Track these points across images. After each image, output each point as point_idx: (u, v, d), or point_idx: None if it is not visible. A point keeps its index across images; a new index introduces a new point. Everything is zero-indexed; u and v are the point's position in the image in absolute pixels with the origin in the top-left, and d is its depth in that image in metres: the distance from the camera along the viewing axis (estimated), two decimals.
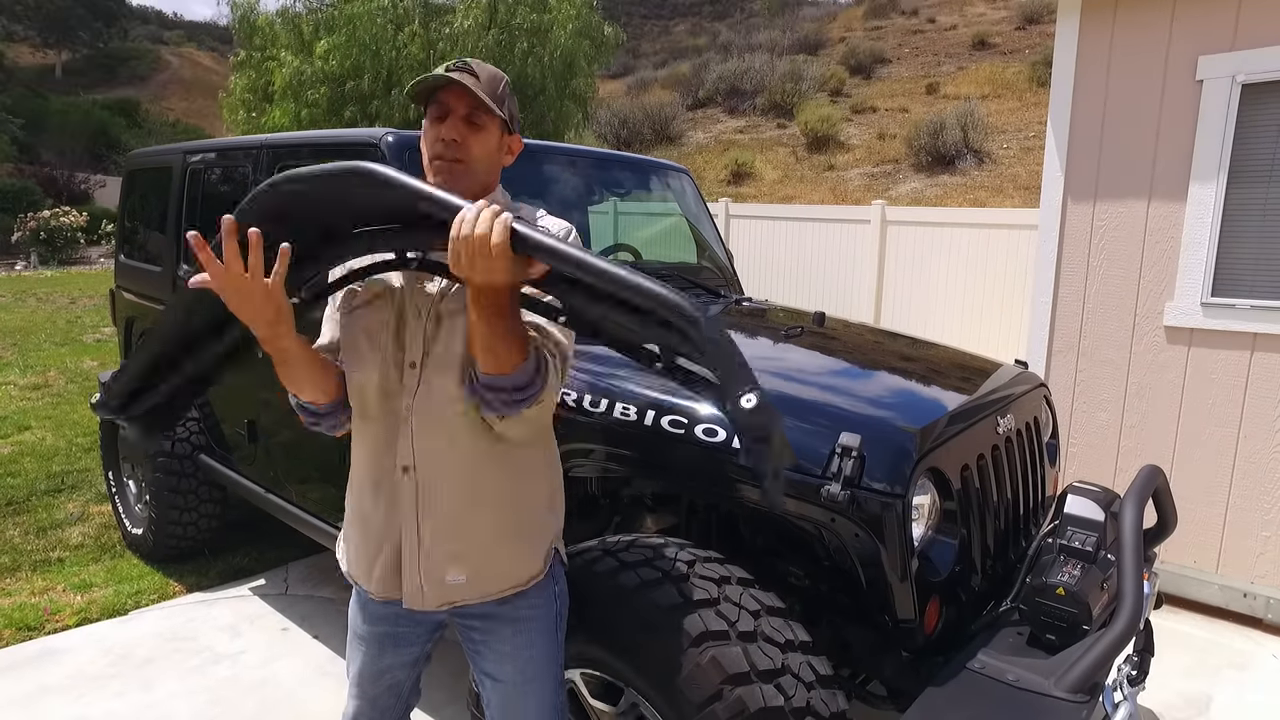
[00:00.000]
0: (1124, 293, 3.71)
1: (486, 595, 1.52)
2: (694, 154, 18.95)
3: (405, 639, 1.62)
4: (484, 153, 1.44)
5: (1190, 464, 3.60)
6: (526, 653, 1.55)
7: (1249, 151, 3.35)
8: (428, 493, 1.46)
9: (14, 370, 7.70)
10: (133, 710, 2.75)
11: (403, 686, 1.68)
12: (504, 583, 1.52)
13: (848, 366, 2.54)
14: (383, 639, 1.61)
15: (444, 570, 1.48)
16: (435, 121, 1.42)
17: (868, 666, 2.00)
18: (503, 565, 1.52)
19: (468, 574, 1.49)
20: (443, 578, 1.48)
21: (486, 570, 1.50)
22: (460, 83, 1.37)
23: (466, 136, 1.41)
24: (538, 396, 1.36)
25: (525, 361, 1.32)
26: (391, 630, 1.60)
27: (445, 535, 1.48)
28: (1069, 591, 1.79)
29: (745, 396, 1.08)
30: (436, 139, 1.41)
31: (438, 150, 1.41)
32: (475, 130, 1.42)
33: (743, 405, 1.08)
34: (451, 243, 1.20)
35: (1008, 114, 17.18)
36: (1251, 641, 3.37)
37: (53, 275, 16.33)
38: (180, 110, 40.56)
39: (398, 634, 1.61)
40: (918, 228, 5.78)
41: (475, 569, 1.49)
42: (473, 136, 1.41)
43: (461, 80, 1.37)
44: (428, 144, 1.43)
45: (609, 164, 3.41)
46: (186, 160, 3.74)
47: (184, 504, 3.65)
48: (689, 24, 48.30)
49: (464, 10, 12.58)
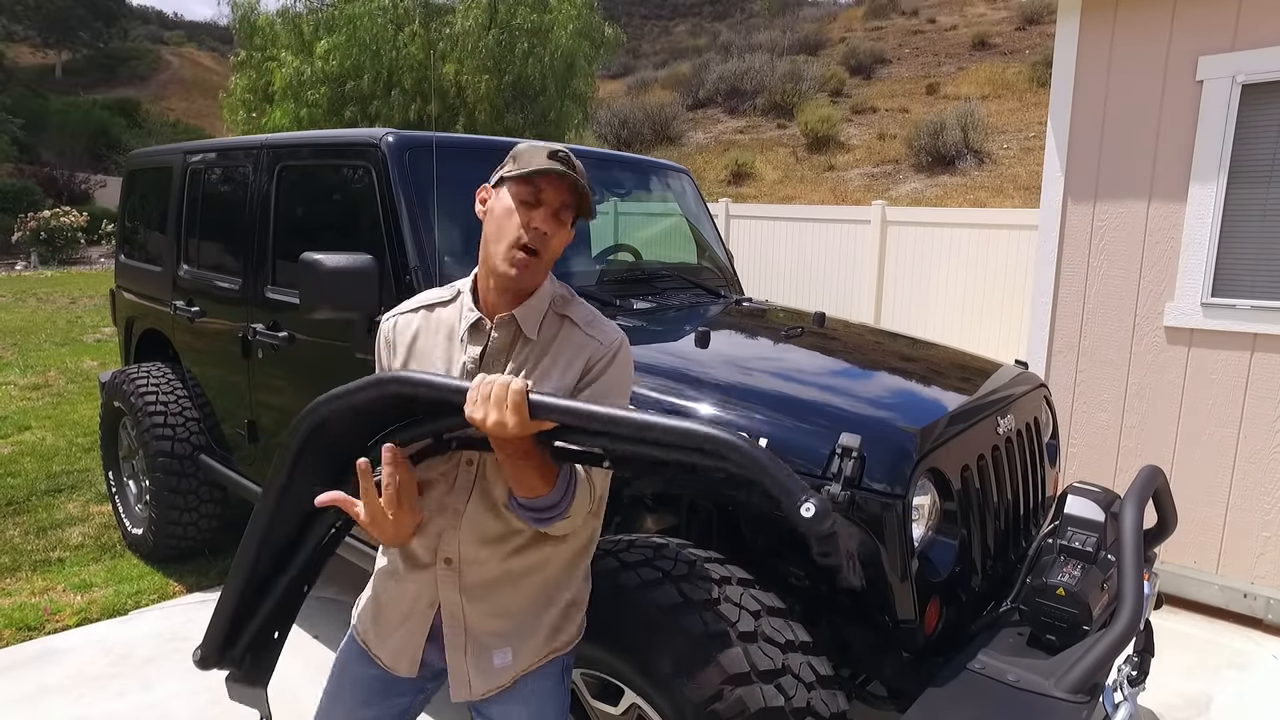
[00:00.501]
0: (1124, 293, 3.71)
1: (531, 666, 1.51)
2: (694, 154, 18.95)
3: (398, 688, 1.56)
4: (559, 247, 1.43)
5: (1190, 464, 3.60)
6: (536, 699, 1.53)
7: (1249, 152, 3.35)
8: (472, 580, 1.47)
9: (14, 370, 7.70)
10: (133, 710, 2.75)
11: None
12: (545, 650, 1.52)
13: (848, 367, 2.54)
14: (373, 684, 1.55)
15: (491, 655, 1.48)
16: (525, 206, 1.37)
17: (868, 667, 2.00)
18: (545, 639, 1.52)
19: (513, 650, 1.49)
20: (491, 663, 1.48)
21: (529, 644, 1.50)
22: (567, 175, 1.36)
23: (555, 230, 1.39)
24: (565, 513, 1.36)
25: (553, 489, 1.34)
26: (383, 675, 1.54)
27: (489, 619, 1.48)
28: (1069, 592, 1.79)
29: (804, 506, 1.12)
30: (528, 226, 1.37)
31: (524, 240, 1.37)
32: (560, 227, 1.40)
33: (803, 515, 1.11)
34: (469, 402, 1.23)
35: (1008, 114, 17.18)
36: (1251, 642, 3.37)
37: (53, 275, 16.33)
38: (180, 110, 40.54)
39: (391, 682, 1.55)
40: (918, 228, 5.78)
41: (519, 645, 1.49)
42: (558, 231, 1.40)
43: (568, 174, 1.36)
44: (516, 225, 1.37)
45: (609, 164, 3.42)
46: (187, 160, 3.74)
47: (184, 504, 3.64)
48: (689, 24, 48.28)
49: (464, 10, 12.58)
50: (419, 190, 2.52)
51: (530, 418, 1.21)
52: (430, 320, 1.51)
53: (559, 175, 1.36)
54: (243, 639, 1.53)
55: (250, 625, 1.53)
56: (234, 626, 1.53)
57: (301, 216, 3.08)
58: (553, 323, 1.46)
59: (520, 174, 1.37)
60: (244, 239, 3.25)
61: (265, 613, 1.52)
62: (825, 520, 1.11)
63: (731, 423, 1.98)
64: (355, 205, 2.74)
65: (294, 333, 2.95)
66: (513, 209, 1.38)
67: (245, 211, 3.25)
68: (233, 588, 1.50)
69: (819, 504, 1.11)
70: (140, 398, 3.65)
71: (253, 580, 1.50)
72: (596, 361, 1.44)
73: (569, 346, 1.44)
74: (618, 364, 1.46)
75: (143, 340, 4.25)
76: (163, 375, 3.78)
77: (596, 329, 1.47)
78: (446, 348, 1.47)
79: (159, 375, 3.78)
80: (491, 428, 1.21)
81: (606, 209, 3.42)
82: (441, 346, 1.47)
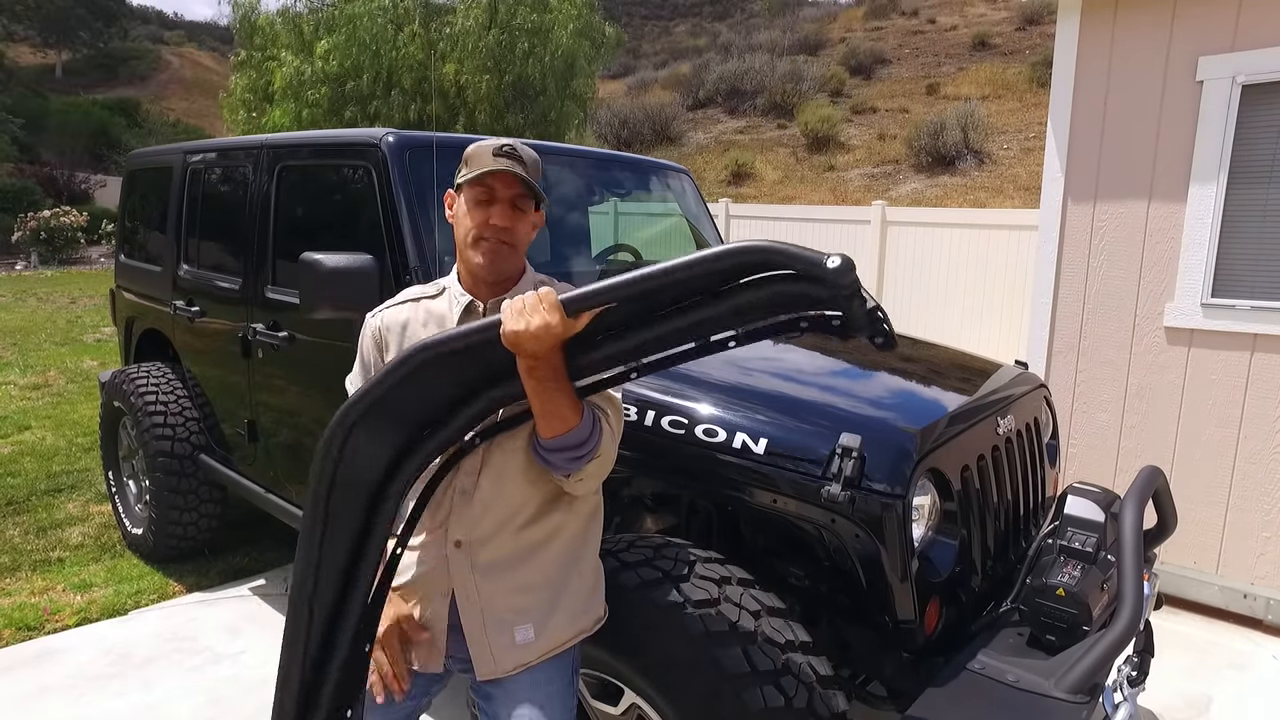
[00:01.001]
0: (1124, 293, 3.71)
1: (555, 649, 1.53)
2: (694, 154, 18.95)
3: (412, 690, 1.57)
4: (526, 234, 1.54)
5: (1190, 465, 3.60)
6: (544, 690, 1.54)
7: (1249, 152, 3.35)
8: (483, 558, 1.49)
9: (14, 370, 7.70)
10: (133, 710, 2.75)
11: None
12: (567, 633, 1.54)
13: (848, 367, 2.54)
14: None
15: (512, 631, 1.50)
16: (481, 205, 1.49)
17: (868, 667, 2.00)
18: (565, 620, 1.54)
19: (534, 626, 1.51)
20: (513, 639, 1.50)
21: (552, 621, 1.52)
22: (510, 171, 1.45)
23: (514, 222, 1.50)
24: (596, 450, 1.42)
25: (582, 420, 1.38)
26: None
27: (508, 593, 1.50)
28: (1069, 592, 1.79)
29: (829, 260, 1.17)
30: (486, 223, 1.48)
31: (487, 233, 1.48)
32: (520, 215, 1.51)
33: (829, 267, 1.17)
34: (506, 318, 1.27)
35: (1008, 115, 17.18)
36: (1251, 642, 3.37)
37: (53, 275, 16.33)
38: (180, 110, 40.53)
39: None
40: (918, 228, 5.78)
41: (542, 622, 1.51)
42: (518, 221, 1.51)
43: (513, 170, 1.45)
44: (473, 224, 1.49)
45: (609, 164, 3.41)
46: (187, 160, 3.74)
47: (184, 504, 3.64)
48: (689, 24, 48.28)
49: (464, 10, 12.58)
50: (419, 190, 2.52)
51: (569, 314, 1.26)
52: (419, 311, 1.57)
53: (502, 171, 1.45)
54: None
55: (320, 706, 1.36)
56: (302, 714, 1.36)
57: (301, 216, 3.08)
58: None
59: (471, 177, 1.48)
60: (244, 239, 3.25)
61: (332, 688, 1.36)
62: (849, 273, 1.16)
63: (732, 423, 1.98)
64: (355, 205, 2.74)
65: (294, 333, 2.95)
66: (470, 211, 1.49)
67: (245, 211, 3.25)
68: (290, 667, 1.35)
69: (842, 259, 1.17)
70: (140, 397, 3.65)
71: (308, 651, 1.34)
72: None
73: None
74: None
75: (143, 340, 4.25)
76: (163, 375, 3.78)
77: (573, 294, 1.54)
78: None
79: (159, 375, 3.78)
80: (536, 331, 1.24)
81: (607, 209, 3.42)
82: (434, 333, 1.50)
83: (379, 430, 1.32)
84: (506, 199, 1.48)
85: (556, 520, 1.54)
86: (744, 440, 1.93)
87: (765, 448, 1.90)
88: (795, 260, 1.20)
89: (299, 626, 1.34)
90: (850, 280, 1.17)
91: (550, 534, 1.54)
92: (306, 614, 1.34)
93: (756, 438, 1.92)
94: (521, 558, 1.51)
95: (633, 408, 2.07)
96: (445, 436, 1.37)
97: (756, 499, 1.91)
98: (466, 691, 1.89)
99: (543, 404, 1.34)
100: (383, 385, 1.30)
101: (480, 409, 1.37)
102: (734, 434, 1.95)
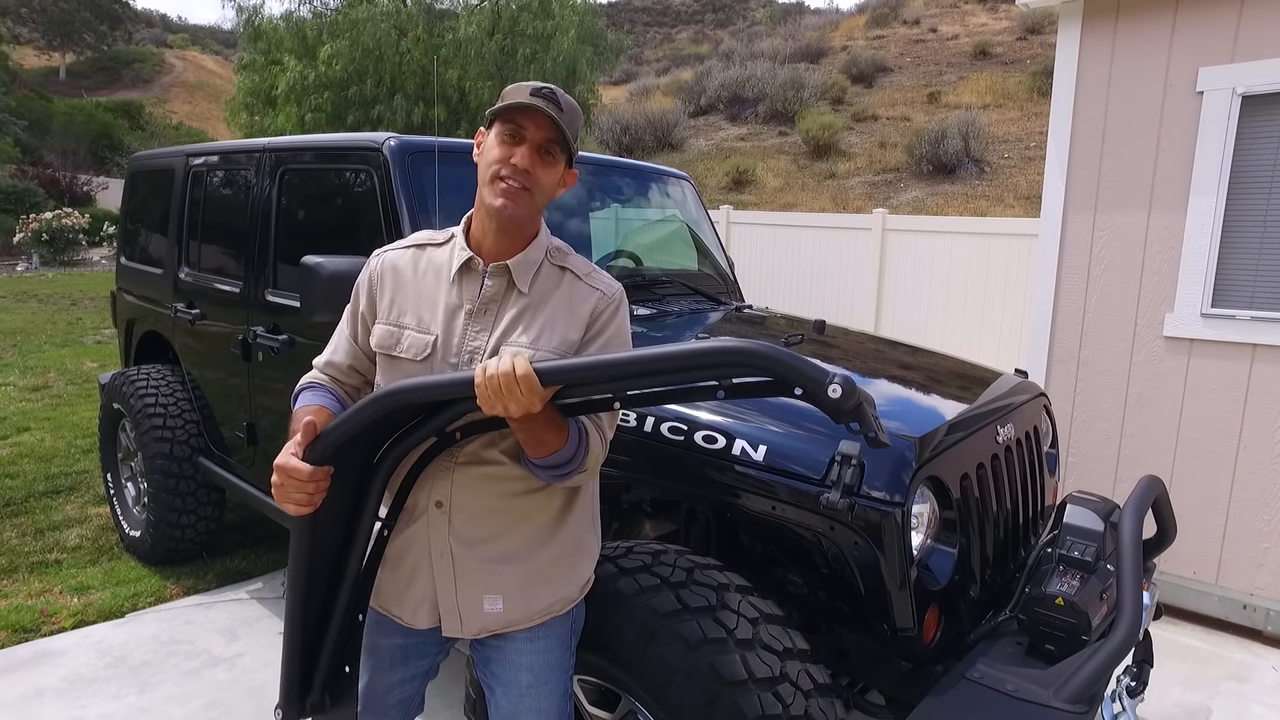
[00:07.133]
0: (1124, 303, 3.72)
1: (528, 620, 1.52)
2: (695, 161, 18.97)
3: (420, 650, 1.61)
4: (549, 184, 1.44)
5: (1190, 474, 3.60)
6: (542, 657, 1.55)
7: (1249, 163, 3.36)
8: (461, 523, 1.48)
9: (14, 371, 7.70)
10: (129, 713, 2.74)
11: (411, 701, 1.66)
12: (542, 604, 1.53)
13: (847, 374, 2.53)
14: (395, 652, 1.59)
15: (481, 599, 1.49)
16: (508, 142, 1.39)
17: (866, 675, 1.99)
18: (542, 592, 1.53)
19: (504, 596, 1.50)
20: (481, 606, 1.49)
21: (525, 594, 1.51)
22: (545, 111, 1.36)
23: (537, 167, 1.40)
24: (582, 466, 1.40)
25: (567, 443, 1.36)
26: (404, 643, 1.59)
27: (481, 563, 1.49)
28: (1068, 601, 1.79)
29: (831, 388, 1.14)
30: (507, 161, 1.38)
31: (506, 173, 1.38)
32: (546, 162, 1.41)
33: (831, 397, 1.14)
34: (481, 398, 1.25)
35: (1009, 124, 17.22)
36: (1251, 653, 3.36)
37: (54, 276, 16.33)
38: (183, 113, 40.63)
39: (411, 646, 1.59)
40: (918, 236, 5.79)
41: (513, 592, 1.50)
42: (543, 167, 1.41)
43: (547, 110, 1.36)
44: (495, 160, 1.39)
45: (611, 170, 3.42)
46: (189, 163, 3.75)
47: (182, 506, 3.64)
48: (691, 31, 48.43)
49: (467, 16, 12.64)
50: (420, 194, 2.53)
51: (544, 386, 1.24)
52: (421, 260, 1.53)
53: (537, 110, 1.36)
54: (316, 681, 1.53)
55: (320, 666, 1.53)
56: (305, 672, 1.53)
57: (303, 220, 3.08)
58: (551, 275, 1.49)
59: (500, 108, 1.39)
60: (245, 242, 3.25)
61: (330, 650, 1.52)
62: (852, 397, 1.14)
63: (732, 429, 1.98)
64: (357, 209, 2.74)
65: (294, 336, 2.95)
66: (495, 146, 1.40)
67: (247, 215, 3.26)
68: (292, 634, 1.50)
69: (843, 383, 1.14)
70: (140, 400, 3.65)
71: (308, 621, 1.50)
72: (601, 312, 1.48)
73: (571, 298, 1.47)
74: (621, 313, 1.51)
75: (143, 342, 4.26)
76: (162, 377, 3.78)
77: (597, 279, 1.51)
78: (434, 287, 1.48)
79: (159, 377, 3.78)
80: (514, 413, 1.24)
81: (608, 215, 3.42)
82: (429, 286, 1.49)
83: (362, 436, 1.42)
84: (536, 141, 1.38)
85: (542, 495, 1.51)
86: (743, 447, 1.93)
87: (765, 454, 1.90)
88: (796, 376, 1.17)
89: (296, 605, 1.49)
90: (851, 406, 1.15)
91: (535, 507, 1.51)
92: (303, 593, 1.48)
93: (756, 444, 1.92)
94: (501, 530, 1.49)
95: (632, 413, 2.07)
96: (432, 427, 1.40)
97: (755, 506, 1.91)
98: (464, 696, 1.89)
99: (526, 435, 1.34)
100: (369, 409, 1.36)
101: (463, 409, 1.38)
102: (733, 440, 1.95)
